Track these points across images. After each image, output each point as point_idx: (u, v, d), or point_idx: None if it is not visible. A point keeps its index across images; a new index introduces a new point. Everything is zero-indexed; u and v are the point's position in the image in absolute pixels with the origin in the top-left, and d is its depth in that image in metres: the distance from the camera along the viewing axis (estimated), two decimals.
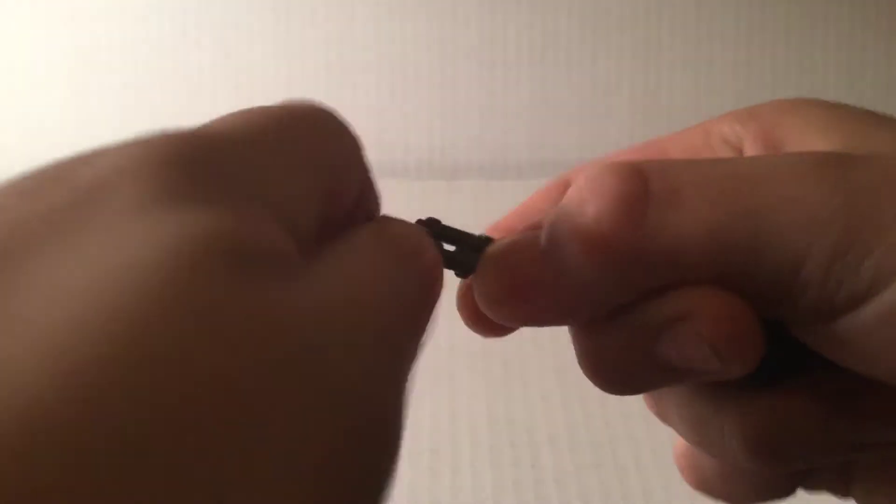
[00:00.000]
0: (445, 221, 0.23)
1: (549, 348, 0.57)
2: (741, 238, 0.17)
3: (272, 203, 0.15)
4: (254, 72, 0.86)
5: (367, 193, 0.19)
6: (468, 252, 0.22)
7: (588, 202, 0.18)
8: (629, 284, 0.18)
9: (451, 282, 0.24)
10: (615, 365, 0.19)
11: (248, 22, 0.86)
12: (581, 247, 0.18)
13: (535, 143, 0.87)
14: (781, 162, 0.18)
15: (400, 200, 0.85)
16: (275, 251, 0.13)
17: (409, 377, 0.16)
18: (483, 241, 0.22)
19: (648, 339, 0.18)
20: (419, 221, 0.22)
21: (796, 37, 0.86)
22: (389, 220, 0.19)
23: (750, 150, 0.21)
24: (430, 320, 0.18)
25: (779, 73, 0.86)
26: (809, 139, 0.20)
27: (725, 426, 0.20)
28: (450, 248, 0.22)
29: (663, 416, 0.23)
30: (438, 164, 0.86)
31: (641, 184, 0.18)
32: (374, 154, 0.81)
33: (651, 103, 0.86)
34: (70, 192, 0.14)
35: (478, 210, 0.79)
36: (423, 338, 0.17)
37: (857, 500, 0.22)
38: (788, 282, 0.17)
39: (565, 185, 0.24)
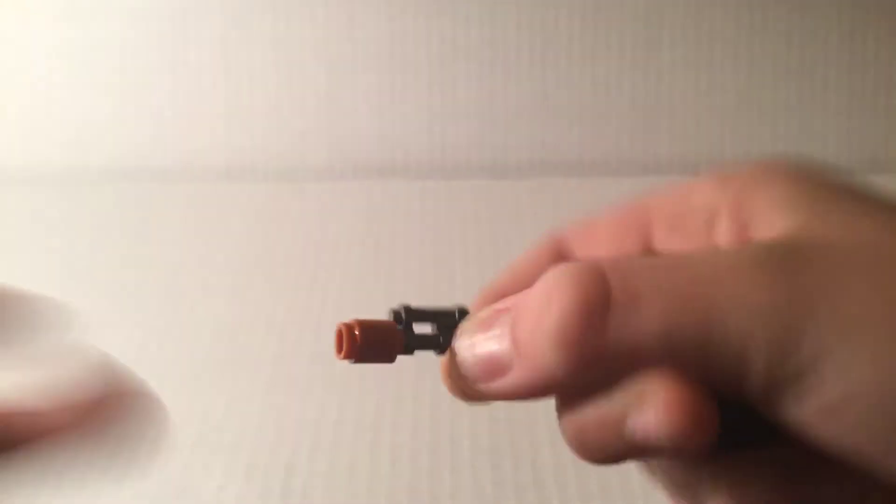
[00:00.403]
0: (446, 221, 0.24)
1: None
2: (692, 338, 0.19)
3: None
4: (253, 72, 0.86)
5: None
6: (444, 330, 0.23)
7: (554, 303, 0.20)
8: (593, 375, 0.20)
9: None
10: (593, 440, 0.21)
11: (248, 22, 0.86)
12: (548, 344, 0.20)
13: (535, 143, 0.87)
14: (731, 262, 0.20)
15: (400, 200, 0.85)
16: None
17: None
18: (457, 317, 0.23)
19: (618, 419, 0.20)
20: (393, 311, 0.24)
21: (796, 37, 0.86)
22: None
23: (723, 221, 0.23)
24: None
25: (779, 73, 0.86)
26: (774, 217, 0.21)
27: (709, 494, 0.22)
28: (425, 329, 0.24)
29: (651, 476, 0.24)
30: (438, 163, 0.86)
31: (604, 289, 0.20)
32: (375, 153, 0.81)
33: (651, 103, 0.86)
34: None
35: (478, 210, 0.79)
36: None
37: None
38: (735, 372, 0.19)
39: (555, 249, 0.26)
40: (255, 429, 0.53)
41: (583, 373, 0.20)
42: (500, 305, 0.22)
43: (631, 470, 0.49)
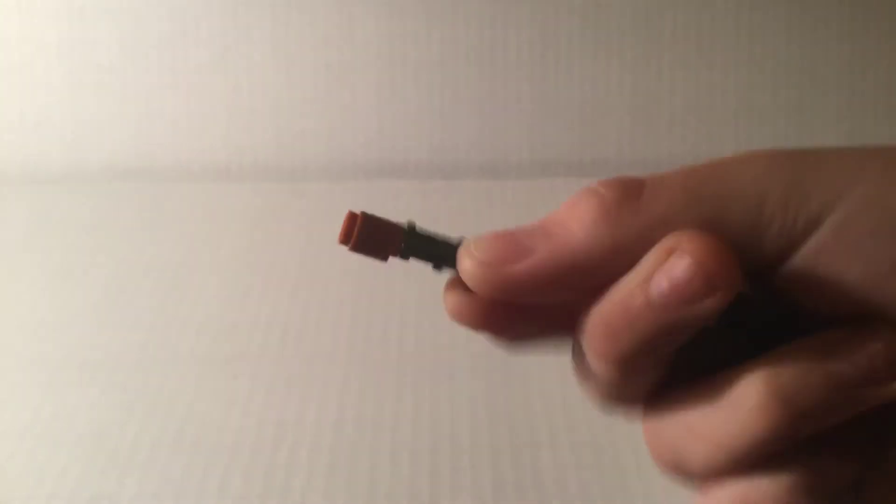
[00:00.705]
0: (446, 221, 0.25)
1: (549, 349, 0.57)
2: (711, 194, 0.21)
3: None
4: (253, 72, 0.86)
5: None
6: (446, 246, 0.24)
7: (599, 189, 0.22)
8: (624, 250, 0.22)
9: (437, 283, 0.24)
10: (619, 323, 0.22)
11: (248, 22, 0.86)
12: (586, 218, 0.22)
13: (535, 144, 0.87)
14: (734, 155, 0.22)
15: (400, 200, 0.85)
16: None
17: None
18: (459, 241, 0.24)
19: (643, 281, 0.21)
20: (406, 222, 0.24)
21: (796, 37, 0.86)
22: None
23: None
24: None
25: (779, 74, 0.86)
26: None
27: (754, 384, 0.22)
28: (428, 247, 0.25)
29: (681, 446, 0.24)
30: (438, 163, 0.86)
31: (639, 181, 0.22)
32: (375, 154, 0.81)
33: (651, 103, 0.87)
34: None
35: (478, 210, 0.79)
36: None
37: None
38: (754, 221, 0.21)
39: None
40: (255, 429, 0.53)
41: (619, 239, 0.21)
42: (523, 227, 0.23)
43: (631, 470, 0.50)
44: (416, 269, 0.78)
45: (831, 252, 0.21)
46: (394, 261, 0.25)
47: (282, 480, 0.49)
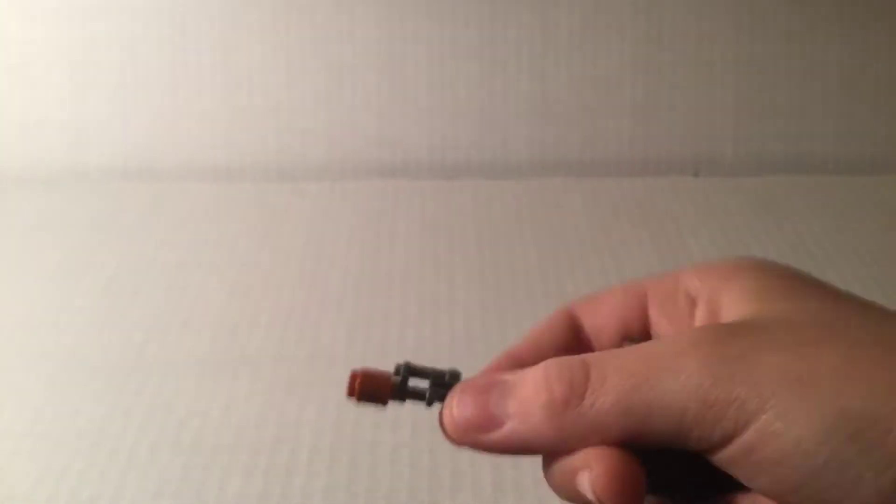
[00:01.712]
0: (446, 221, 0.26)
1: None
2: (641, 411, 0.25)
3: None
4: (254, 72, 0.86)
5: None
6: (434, 387, 0.29)
7: (552, 383, 0.26)
8: (570, 437, 0.26)
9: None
10: (560, 484, 0.27)
11: (248, 21, 0.86)
12: (542, 411, 0.26)
13: (535, 144, 0.87)
14: (677, 347, 0.25)
15: (401, 200, 0.85)
16: None
17: None
18: (447, 379, 0.29)
19: (574, 472, 0.26)
20: (396, 365, 0.29)
21: (795, 36, 0.86)
22: None
23: (700, 307, 0.29)
24: None
25: (778, 73, 0.86)
26: (736, 306, 0.27)
27: None
28: (422, 383, 0.29)
29: None
30: (439, 163, 0.86)
31: (585, 376, 0.26)
32: (375, 153, 0.81)
33: (651, 103, 0.87)
34: None
35: (477, 210, 0.79)
36: None
37: None
38: (676, 430, 0.24)
39: (568, 318, 0.31)
40: (255, 429, 0.53)
41: (563, 434, 0.25)
42: (499, 377, 0.28)
43: None
44: (415, 268, 0.77)
45: (742, 466, 0.24)
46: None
47: (282, 480, 0.49)
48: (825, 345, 0.24)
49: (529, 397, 0.26)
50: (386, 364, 0.29)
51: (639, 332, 0.31)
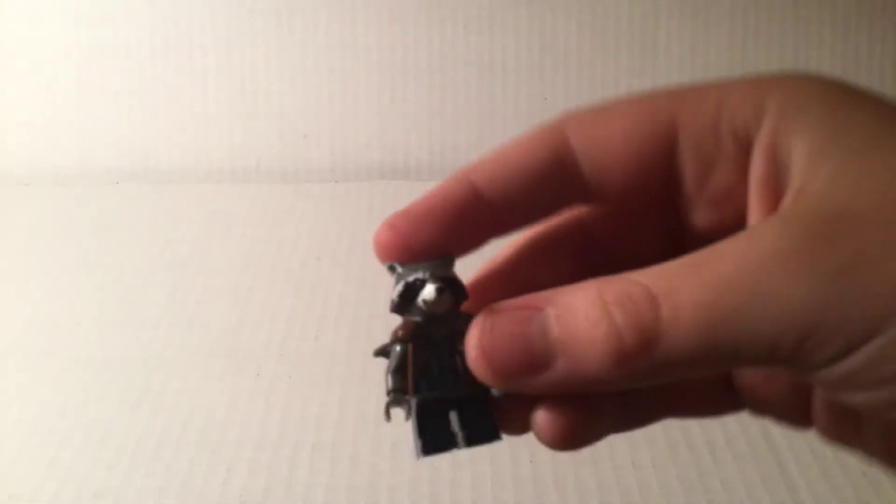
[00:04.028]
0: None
1: None
2: (725, 341, 0.20)
3: None
4: (257, 76, 0.86)
5: None
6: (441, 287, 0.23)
7: (615, 319, 0.21)
8: (636, 384, 0.21)
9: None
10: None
11: (251, 27, 0.86)
12: (603, 356, 0.21)
13: None
14: (757, 251, 0.20)
15: (401, 202, 0.85)
16: None
17: None
18: (445, 267, 0.23)
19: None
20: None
21: (790, 40, 0.86)
22: None
23: (757, 159, 0.22)
24: None
25: None
26: (811, 165, 0.21)
27: None
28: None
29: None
30: (439, 166, 0.86)
31: (655, 315, 0.20)
32: (376, 156, 0.81)
33: None
34: None
35: None
36: None
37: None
38: (767, 357, 0.20)
39: (557, 146, 0.24)
40: (258, 426, 0.53)
41: (632, 380, 0.21)
42: (535, 301, 0.22)
43: (627, 467, 0.50)
44: None
45: (839, 385, 0.20)
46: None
47: (285, 475, 0.50)
48: None
49: (584, 335, 0.21)
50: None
51: (660, 180, 0.23)
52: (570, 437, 0.23)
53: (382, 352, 0.24)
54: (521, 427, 0.24)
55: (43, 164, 0.86)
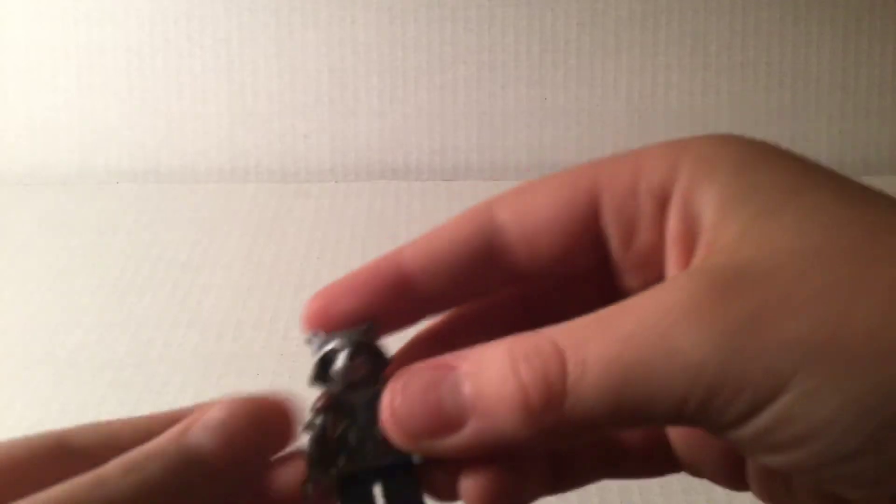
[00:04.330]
0: (446, 220, 0.24)
1: None
2: (631, 397, 0.20)
3: None
4: (256, 75, 0.87)
5: None
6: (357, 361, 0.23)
7: (521, 375, 0.20)
8: (546, 442, 0.21)
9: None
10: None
11: (251, 26, 0.86)
12: (513, 413, 0.20)
13: (534, 145, 0.87)
14: (660, 307, 0.20)
15: (401, 201, 0.85)
16: None
17: None
18: (367, 336, 0.23)
19: None
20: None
21: (790, 39, 0.87)
22: None
23: (672, 213, 0.22)
24: None
25: (773, 76, 0.87)
26: (721, 217, 0.21)
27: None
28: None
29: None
30: (438, 165, 0.87)
31: (562, 367, 0.20)
32: (376, 155, 0.81)
33: (648, 105, 0.87)
34: None
35: None
36: None
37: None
38: (676, 416, 0.20)
39: (485, 228, 0.25)
40: None
41: (542, 437, 0.21)
42: (445, 362, 0.22)
43: None
44: None
45: (753, 446, 0.20)
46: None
47: None
48: (855, 293, 0.19)
49: (494, 392, 0.21)
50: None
51: (588, 248, 0.24)
52: (498, 500, 0.22)
53: (306, 427, 0.23)
54: (449, 494, 0.23)
55: (43, 164, 0.86)
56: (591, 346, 0.20)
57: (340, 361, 0.22)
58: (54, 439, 0.23)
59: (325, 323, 0.23)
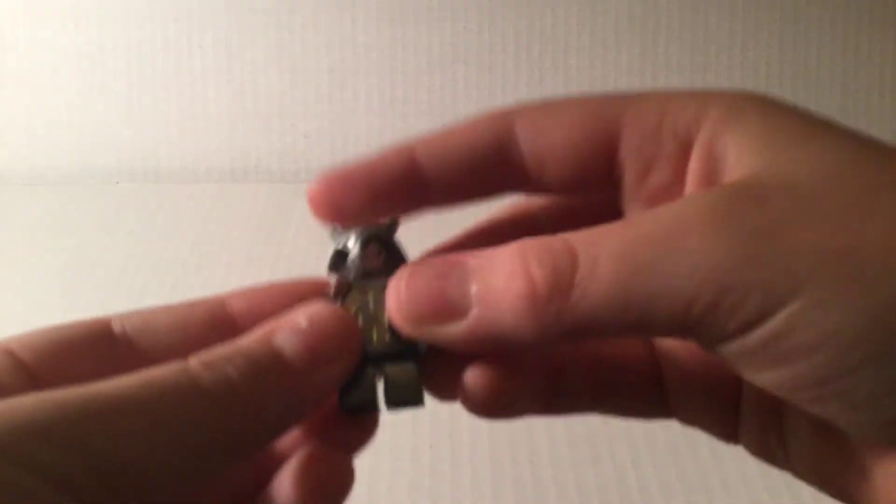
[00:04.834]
0: (446, 221, 0.25)
1: None
2: (639, 295, 0.20)
3: None
4: (256, 75, 0.87)
5: None
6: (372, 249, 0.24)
7: (531, 269, 0.21)
8: (548, 338, 0.21)
9: None
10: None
11: (251, 26, 0.86)
12: (517, 305, 0.21)
13: None
14: (682, 219, 0.20)
15: None
16: None
17: None
18: (389, 231, 0.24)
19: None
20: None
21: (789, 39, 0.87)
22: None
23: (695, 156, 0.23)
24: None
25: (772, 75, 0.87)
26: (742, 157, 0.21)
27: None
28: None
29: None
30: None
31: (572, 264, 0.20)
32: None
33: None
34: None
35: (477, 210, 0.79)
36: None
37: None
38: (681, 321, 0.20)
39: (503, 139, 0.25)
40: None
41: (545, 331, 0.21)
42: (457, 258, 0.22)
43: (627, 465, 0.50)
44: None
45: (754, 358, 0.20)
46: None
47: None
48: (871, 212, 0.19)
49: (501, 285, 0.21)
50: None
51: (599, 177, 0.24)
52: (494, 400, 0.23)
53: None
54: (448, 390, 0.24)
55: (43, 164, 0.86)
56: (604, 245, 0.20)
57: (353, 250, 0.23)
58: (99, 325, 0.25)
59: (334, 214, 0.25)
